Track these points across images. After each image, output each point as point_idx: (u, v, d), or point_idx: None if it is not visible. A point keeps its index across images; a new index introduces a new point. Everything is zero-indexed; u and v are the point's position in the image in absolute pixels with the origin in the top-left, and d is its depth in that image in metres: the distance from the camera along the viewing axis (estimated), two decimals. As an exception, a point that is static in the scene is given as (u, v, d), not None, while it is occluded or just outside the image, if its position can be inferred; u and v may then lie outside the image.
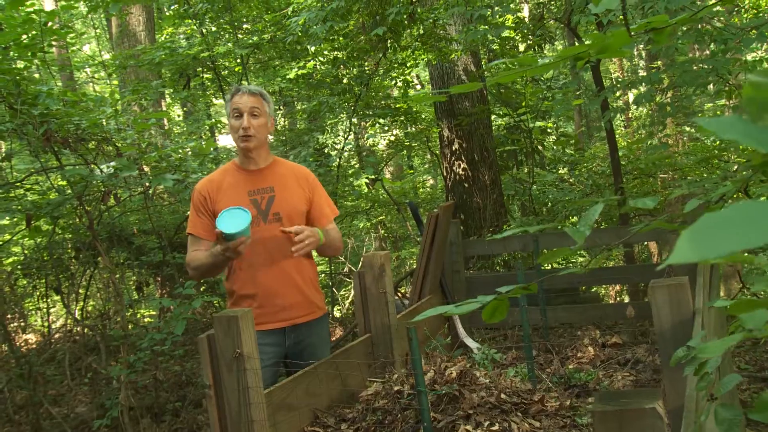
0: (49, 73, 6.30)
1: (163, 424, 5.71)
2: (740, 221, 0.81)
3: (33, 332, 8.69)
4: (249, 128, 3.56)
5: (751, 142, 0.97)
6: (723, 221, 0.80)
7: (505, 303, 1.67)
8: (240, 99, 3.59)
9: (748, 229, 0.78)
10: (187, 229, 3.77)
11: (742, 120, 1.00)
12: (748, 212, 0.82)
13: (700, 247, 0.78)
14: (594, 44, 1.84)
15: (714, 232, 0.79)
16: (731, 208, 0.83)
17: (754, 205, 0.83)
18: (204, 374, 3.10)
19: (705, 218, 0.81)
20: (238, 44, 6.82)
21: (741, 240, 0.77)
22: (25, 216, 5.66)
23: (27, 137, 5.16)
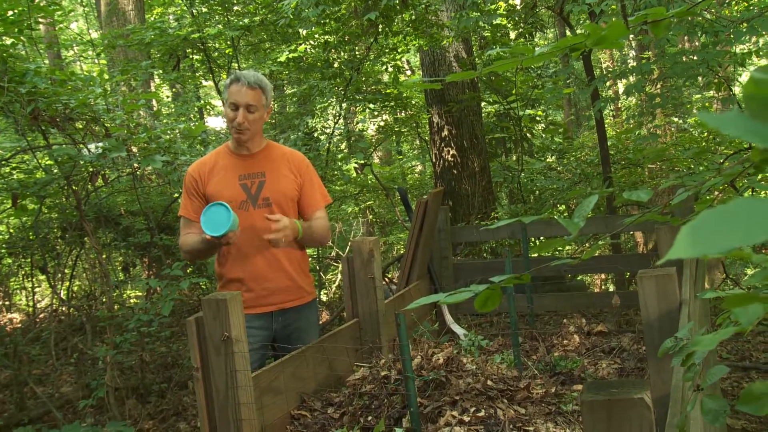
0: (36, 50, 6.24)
1: (148, 405, 5.72)
2: (740, 218, 0.81)
3: (18, 311, 8.66)
4: (243, 123, 3.56)
5: (753, 138, 0.98)
6: (723, 217, 0.81)
7: (498, 292, 1.68)
8: (239, 91, 3.55)
9: (748, 226, 0.78)
10: (179, 211, 3.77)
11: (743, 116, 1.01)
12: (748, 209, 0.82)
13: (699, 242, 0.78)
14: (591, 35, 1.85)
15: (714, 228, 0.79)
16: (732, 204, 0.83)
17: (754, 201, 0.83)
18: (192, 356, 3.10)
19: (705, 214, 0.82)
20: (229, 26, 6.78)
21: (741, 237, 0.77)
22: (11, 195, 5.62)
23: (14, 115, 5.12)
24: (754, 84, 0.99)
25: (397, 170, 11.02)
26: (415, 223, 5.06)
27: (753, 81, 0.99)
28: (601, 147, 6.23)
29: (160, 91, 12.45)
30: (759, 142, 0.96)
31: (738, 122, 0.99)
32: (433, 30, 7.07)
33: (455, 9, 7.32)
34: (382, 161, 13.98)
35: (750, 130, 0.97)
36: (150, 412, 5.61)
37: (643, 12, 1.76)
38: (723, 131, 0.98)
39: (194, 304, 6.97)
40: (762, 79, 0.98)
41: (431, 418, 3.44)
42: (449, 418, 3.39)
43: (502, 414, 3.43)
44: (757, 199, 0.82)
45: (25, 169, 6.53)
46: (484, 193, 8.17)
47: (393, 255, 9.46)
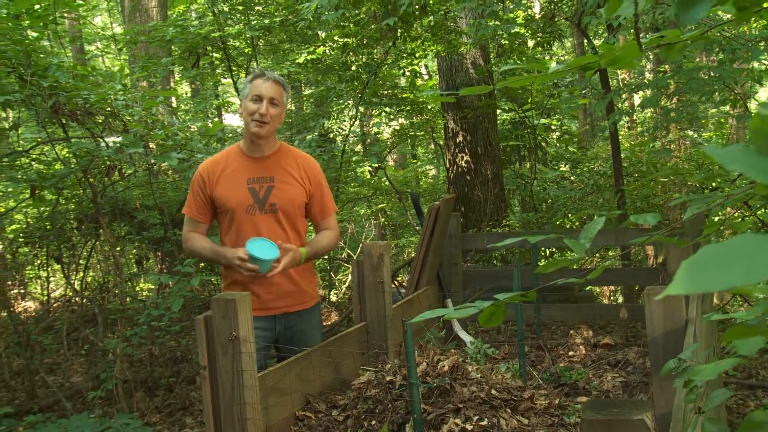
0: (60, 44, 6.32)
1: (156, 398, 5.78)
2: (740, 255, 0.82)
3: (32, 300, 8.75)
4: (266, 115, 3.58)
5: (757, 174, 1.00)
6: (723, 254, 0.82)
7: (502, 309, 1.71)
8: (263, 84, 3.59)
9: (748, 264, 0.80)
10: (184, 208, 3.81)
11: (748, 151, 1.03)
12: (749, 246, 0.83)
13: (698, 279, 0.80)
14: (605, 55, 1.87)
15: (713, 265, 0.81)
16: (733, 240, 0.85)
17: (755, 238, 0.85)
18: (199, 355, 3.14)
19: (705, 250, 0.83)
20: (249, 26, 6.83)
21: (740, 275, 0.78)
22: (30, 186, 5.71)
23: (35, 108, 5.20)
24: (761, 120, 1.01)
25: (411, 174, 11.05)
26: (426, 229, 5.08)
27: (759, 117, 1.02)
28: (615, 159, 6.23)
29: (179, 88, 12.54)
30: (762, 178, 0.99)
31: (742, 158, 1.01)
32: (451, 36, 7.10)
33: (474, 16, 7.35)
34: (397, 164, 14.01)
35: (754, 166, 1.00)
36: (158, 405, 5.67)
37: (657, 34, 1.78)
38: (727, 166, 1.01)
39: (205, 300, 7.02)
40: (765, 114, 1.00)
41: (434, 425, 3.47)
42: (452, 426, 3.41)
43: (505, 424, 3.45)
44: (759, 236, 0.83)
45: (44, 161, 6.61)
46: (497, 200, 8.19)
47: (404, 258, 9.49)
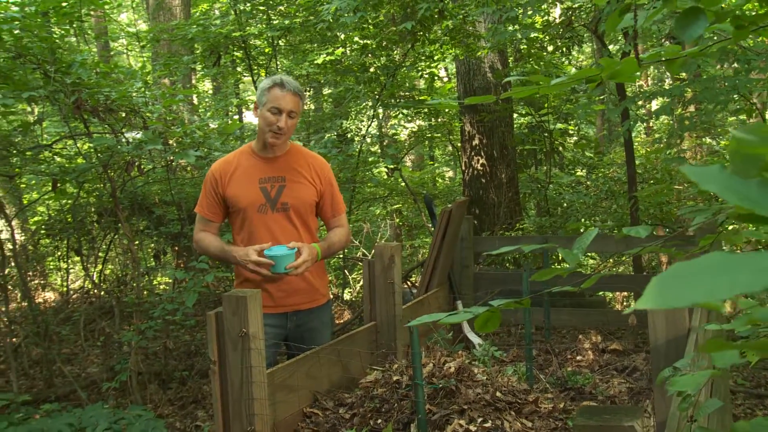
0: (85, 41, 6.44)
1: (169, 391, 5.88)
2: (708, 273, 0.87)
3: (52, 291, 8.89)
4: (284, 128, 3.65)
5: (730, 196, 1.05)
6: (692, 271, 0.87)
7: (497, 315, 1.76)
8: (283, 97, 3.63)
9: (712, 282, 0.85)
10: (196, 207, 3.88)
11: (724, 172, 1.08)
12: (715, 265, 0.89)
13: (666, 295, 0.85)
14: (605, 69, 1.93)
15: (680, 282, 0.86)
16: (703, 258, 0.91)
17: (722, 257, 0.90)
18: (209, 350, 3.20)
19: (675, 267, 0.88)
20: (270, 26, 6.91)
21: (703, 292, 0.84)
22: (51, 180, 5.83)
23: (59, 104, 5.31)
24: (737, 142, 1.06)
25: (427, 175, 11.10)
26: (438, 231, 5.14)
27: (735, 139, 1.07)
28: (629, 166, 6.25)
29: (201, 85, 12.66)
30: (734, 200, 1.04)
31: (718, 179, 1.06)
32: (470, 40, 7.14)
33: (493, 20, 7.39)
34: (414, 165, 14.06)
35: (727, 188, 1.05)
36: (170, 398, 5.76)
37: (657, 50, 1.83)
38: (702, 187, 1.06)
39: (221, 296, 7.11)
40: (743, 138, 1.05)
41: (439, 425, 3.52)
42: (456, 427, 3.47)
43: (509, 426, 3.50)
44: (728, 255, 0.89)
45: (67, 155, 6.74)
46: (511, 204, 8.23)
47: (419, 259, 9.54)
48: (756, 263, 0.85)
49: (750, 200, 0.98)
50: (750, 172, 1.07)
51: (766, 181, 1.02)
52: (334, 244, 3.88)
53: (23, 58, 5.14)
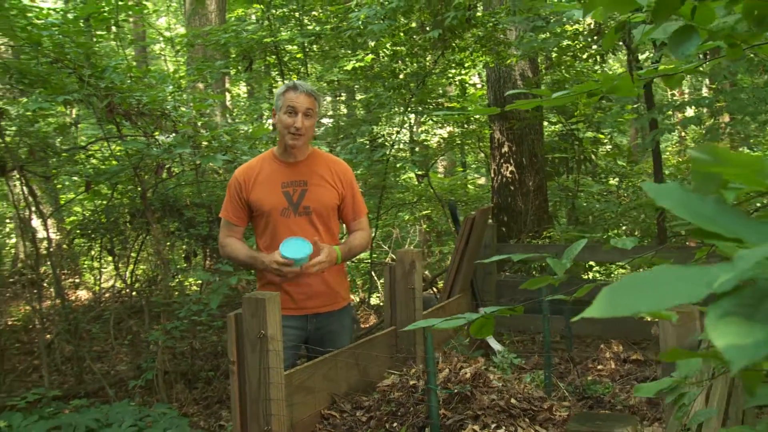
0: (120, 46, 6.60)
1: (195, 390, 5.98)
2: (653, 285, 0.92)
3: (86, 290, 9.08)
4: (301, 128, 3.72)
5: (685, 212, 1.08)
6: (639, 283, 0.92)
7: (491, 321, 1.80)
8: (297, 98, 3.72)
9: (657, 293, 0.90)
10: (220, 212, 3.97)
11: (681, 189, 1.12)
12: (662, 276, 0.93)
13: (614, 304, 0.89)
14: (603, 84, 1.96)
15: (631, 292, 0.90)
16: (654, 270, 0.95)
17: (669, 270, 0.95)
18: (229, 350, 3.27)
19: (627, 278, 0.93)
20: (302, 32, 7.00)
21: (648, 302, 0.88)
22: (85, 181, 5.98)
23: (93, 107, 5.45)
24: (693, 161, 1.10)
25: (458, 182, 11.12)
26: (461, 238, 5.18)
27: (692, 159, 1.10)
28: (656, 175, 6.22)
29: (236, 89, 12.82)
30: (688, 216, 1.07)
31: (675, 195, 1.10)
32: (500, 48, 7.16)
33: (524, 29, 7.40)
34: (447, 170, 14.08)
35: (683, 204, 1.08)
36: (196, 397, 5.86)
37: (653, 67, 1.86)
38: (658, 203, 1.09)
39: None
40: (698, 158, 1.09)
41: (453, 430, 3.55)
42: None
43: (522, 432, 3.52)
44: (674, 268, 0.93)
45: (101, 157, 6.89)
46: (538, 212, 8.22)
47: (446, 265, 9.56)
48: (696, 277, 0.89)
49: (704, 217, 1.02)
50: (709, 189, 1.10)
51: (721, 199, 1.05)
52: (354, 247, 3.94)
53: (60, 62, 5.29)
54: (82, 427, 4.74)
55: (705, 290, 0.87)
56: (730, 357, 0.79)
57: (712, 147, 1.05)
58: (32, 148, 5.95)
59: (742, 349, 0.81)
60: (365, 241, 4.00)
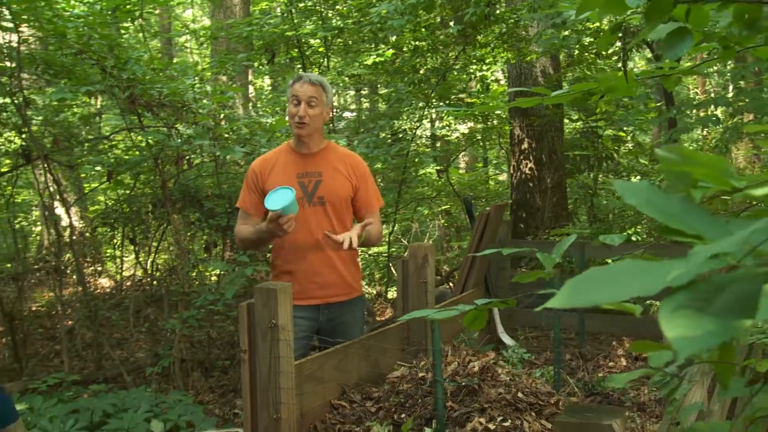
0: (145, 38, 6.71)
1: (211, 379, 6.07)
2: (614, 278, 0.96)
3: (108, 278, 9.22)
4: (305, 117, 3.78)
5: (650, 210, 1.12)
6: (602, 275, 0.97)
7: (484, 313, 1.84)
8: (300, 87, 3.80)
9: (616, 286, 0.94)
10: (238, 202, 4.04)
11: (649, 187, 1.16)
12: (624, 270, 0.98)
13: (577, 295, 0.94)
14: (601, 83, 2.00)
15: (592, 284, 0.95)
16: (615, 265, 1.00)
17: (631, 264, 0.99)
18: (240, 339, 3.32)
19: (590, 271, 0.97)
20: (323, 26, 7.06)
21: (608, 295, 0.93)
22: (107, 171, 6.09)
23: (115, 98, 5.55)
24: (661, 161, 1.14)
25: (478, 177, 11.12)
26: (475, 233, 5.21)
27: (660, 158, 1.14)
28: (674, 175, 6.17)
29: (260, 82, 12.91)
30: (654, 213, 1.12)
31: (640, 193, 1.14)
32: (522, 44, 7.17)
33: (546, 26, 7.39)
34: (469, 167, 14.08)
35: (649, 202, 1.12)
36: (212, 385, 5.95)
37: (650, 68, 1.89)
38: (625, 200, 1.13)
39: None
40: (666, 157, 1.13)
41: (460, 422, 3.59)
42: (476, 425, 3.54)
43: (528, 426, 3.55)
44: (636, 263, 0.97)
45: (124, 147, 7.00)
46: (556, 209, 8.22)
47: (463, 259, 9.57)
48: (654, 271, 0.94)
49: (669, 214, 1.06)
50: (680, 188, 1.14)
51: (687, 198, 1.09)
52: (370, 237, 3.94)
53: (84, 54, 5.39)
54: (99, 412, 4.85)
55: (661, 284, 0.91)
56: (677, 347, 0.83)
57: (678, 147, 1.09)
58: (56, 137, 6.06)
59: (690, 340, 0.85)
60: (378, 230, 4.03)
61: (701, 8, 1.64)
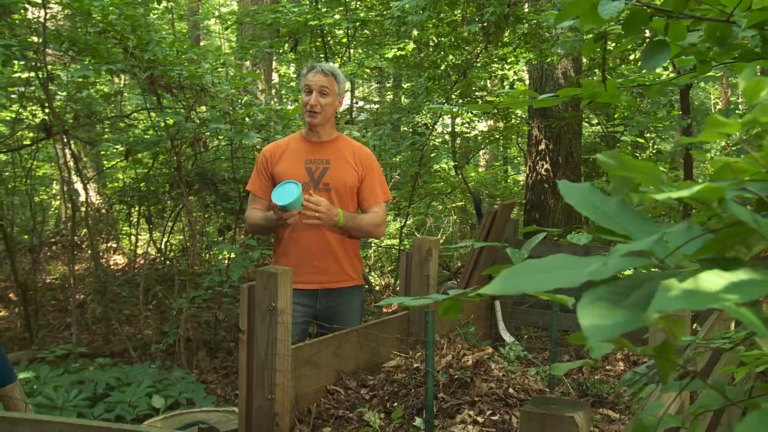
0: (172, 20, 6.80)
1: (216, 359, 6.17)
2: (545, 270, 1.03)
3: (122, 255, 9.36)
4: (316, 106, 3.87)
5: (587, 210, 1.18)
6: (533, 267, 1.03)
7: (458, 304, 1.89)
8: (313, 77, 3.89)
9: (545, 277, 1.00)
10: (248, 185, 4.13)
11: (589, 189, 1.21)
12: (552, 263, 1.04)
13: (507, 284, 1.01)
14: (584, 90, 2.05)
15: (522, 274, 1.02)
16: (547, 258, 1.06)
17: (560, 258, 1.05)
18: (240, 320, 3.39)
19: (525, 263, 1.04)
20: (347, 17, 7.12)
21: (534, 285, 0.99)
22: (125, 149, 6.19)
23: (137, 78, 5.65)
24: (602, 165, 1.19)
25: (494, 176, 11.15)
26: (482, 230, 5.25)
27: (600, 163, 1.20)
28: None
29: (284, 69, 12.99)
30: (589, 214, 1.17)
31: (580, 194, 1.19)
32: (544, 45, 7.18)
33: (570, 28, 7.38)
34: (488, 165, 14.09)
35: (587, 203, 1.18)
36: (216, 366, 6.05)
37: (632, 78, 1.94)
38: (566, 200, 1.19)
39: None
40: (605, 162, 1.18)
41: (450, 413, 3.65)
42: (465, 417, 3.59)
43: (516, 422, 3.60)
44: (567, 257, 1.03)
45: (143, 127, 7.11)
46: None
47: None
48: (580, 265, 0.99)
49: (603, 215, 1.12)
50: (623, 191, 1.20)
51: (624, 201, 1.14)
52: (361, 220, 3.98)
53: (107, 33, 5.49)
54: (103, 384, 4.96)
55: (583, 277, 0.97)
56: (587, 334, 0.88)
57: (616, 154, 1.14)
58: (77, 113, 6.17)
59: (600, 328, 0.90)
60: (374, 222, 4.03)
61: (680, 23, 1.68)
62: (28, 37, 5.76)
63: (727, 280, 0.89)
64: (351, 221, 3.93)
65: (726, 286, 0.85)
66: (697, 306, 0.85)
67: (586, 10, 1.72)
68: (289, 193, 3.69)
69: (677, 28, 1.65)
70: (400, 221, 8.40)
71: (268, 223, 3.90)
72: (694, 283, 0.88)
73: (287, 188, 3.71)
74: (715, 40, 1.57)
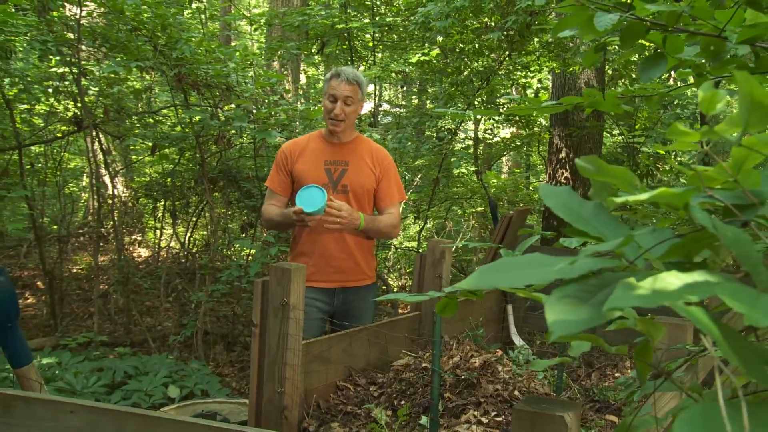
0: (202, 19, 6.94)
1: (233, 353, 6.28)
2: (518, 267, 1.11)
3: (146, 248, 9.52)
4: (340, 115, 3.95)
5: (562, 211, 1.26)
6: (508, 265, 1.11)
7: (454, 302, 1.97)
8: (338, 85, 3.95)
9: (517, 274, 1.09)
10: (266, 181, 4.23)
11: (568, 192, 1.29)
12: (527, 261, 1.12)
13: (481, 280, 1.09)
14: (585, 99, 2.12)
15: (496, 271, 1.10)
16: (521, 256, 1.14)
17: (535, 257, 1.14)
18: (253, 314, 3.49)
19: (501, 260, 1.12)
20: (373, 22, 7.22)
21: (507, 281, 1.08)
22: (152, 145, 6.34)
23: (165, 75, 5.79)
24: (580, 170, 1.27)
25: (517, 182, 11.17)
26: (496, 234, 5.31)
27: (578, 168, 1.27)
28: (702, 194, 6.17)
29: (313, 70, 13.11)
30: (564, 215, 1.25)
31: (559, 197, 1.27)
32: (567, 55, 7.22)
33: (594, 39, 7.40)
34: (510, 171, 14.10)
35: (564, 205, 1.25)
36: (232, 359, 6.16)
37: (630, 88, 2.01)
38: (545, 202, 1.27)
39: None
40: (583, 167, 1.26)
41: (455, 413, 3.73)
42: (470, 417, 3.67)
43: (520, 423, 3.66)
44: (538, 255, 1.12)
45: (171, 124, 7.25)
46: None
47: (494, 262, 9.63)
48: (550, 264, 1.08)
49: (579, 217, 1.19)
50: (602, 194, 1.27)
51: (600, 204, 1.22)
52: (379, 222, 4.07)
53: (138, 31, 5.63)
54: (121, 372, 5.09)
55: (552, 275, 1.05)
56: (552, 328, 0.97)
57: (594, 159, 1.22)
58: (107, 108, 6.32)
59: (564, 323, 0.99)
60: (391, 223, 4.14)
61: (677, 37, 1.75)
62: (64, 34, 5.92)
63: (682, 281, 0.95)
64: (371, 224, 4.03)
65: (681, 287, 0.91)
66: (650, 303, 0.91)
67: (583, 21, 1.80)
68: (315, 199, 3.77)
69: (674, 42, 1.72)
70: (419, 224, 8.47)
71: (284, 219, 3.99)
72: (652, 283, 0.93)
73: (313, 194, 3.79)
74: (710, 54, 1.64)
